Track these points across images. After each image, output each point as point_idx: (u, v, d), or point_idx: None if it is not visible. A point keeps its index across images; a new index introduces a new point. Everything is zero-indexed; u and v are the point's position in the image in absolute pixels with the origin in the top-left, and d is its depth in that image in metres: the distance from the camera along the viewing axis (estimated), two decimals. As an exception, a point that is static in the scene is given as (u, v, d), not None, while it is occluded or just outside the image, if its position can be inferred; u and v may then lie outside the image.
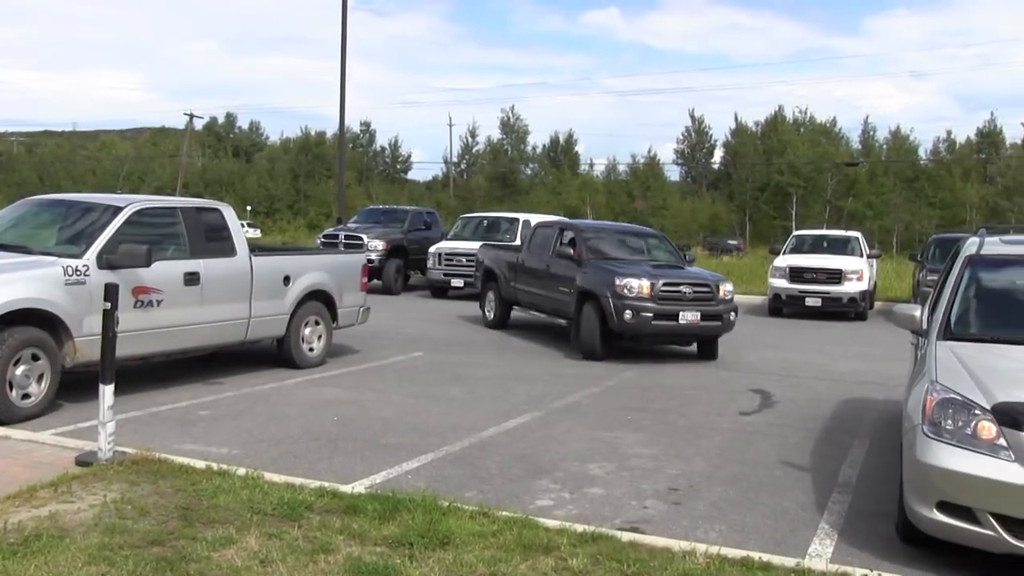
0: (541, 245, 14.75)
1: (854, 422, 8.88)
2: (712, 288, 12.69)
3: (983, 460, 4.76)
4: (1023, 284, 6.48)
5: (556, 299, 13.69)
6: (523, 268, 14.98)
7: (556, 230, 14.67)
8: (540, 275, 14.34)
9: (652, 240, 14.84)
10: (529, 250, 15.11)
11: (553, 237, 14.44)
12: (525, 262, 14.98)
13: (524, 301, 15.05)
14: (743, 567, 4.75)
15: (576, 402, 9.41)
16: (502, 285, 15.55)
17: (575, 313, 12.88)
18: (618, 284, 12.21)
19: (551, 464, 6.91)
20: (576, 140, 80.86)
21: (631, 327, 12.23)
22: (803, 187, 63.21)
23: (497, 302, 15.79)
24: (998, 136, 68.32)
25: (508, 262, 15.56)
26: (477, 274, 16.97)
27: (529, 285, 14.71)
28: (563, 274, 13.50)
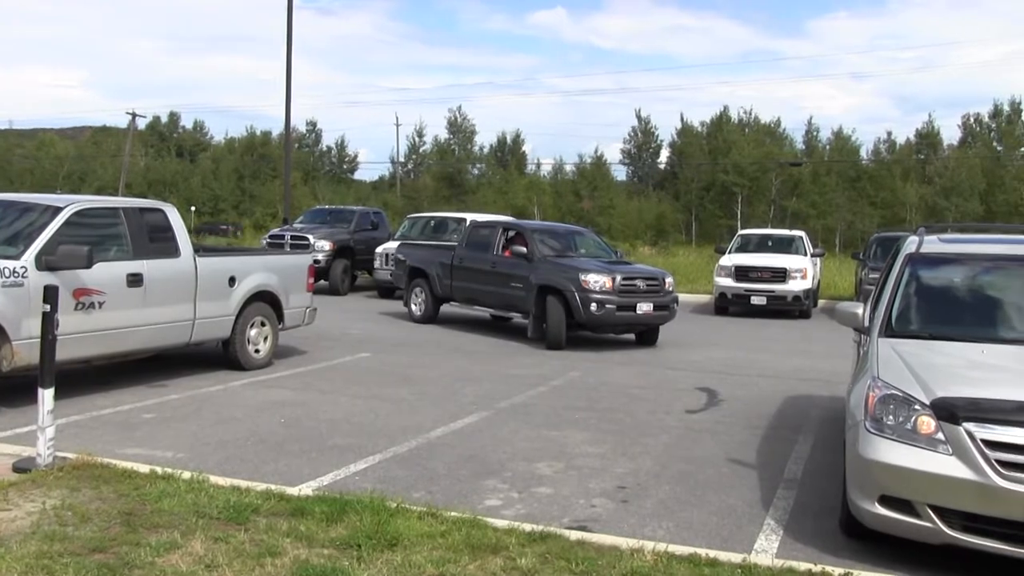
0: (481, 244, 15.42)
1: (799, 419, 9.00)
2: (660, 281, 14.10)
3: (922, 454, 4.85)
4: (961, 282, 6.62)
5: (506, 295, 14.44)
6: (462, 267, 15.51)
7: (499, 230, 15.40)
8: (484, 273, 14.96)
9: (588, 238, 16.07)
10: (467, 249, 15.67)
11: (496, 236, 15.18)
12: (464, 261, 15.51)
13: (462, 298, 15.62)
14: (690, 564, 4.79)
15: (523, 402, 9.42)
16: (434, 282, 16.07)
17: (534, 307, 13.75)
18: (583, 279, 13.26)
19: (499, 464, 6.92)
20: (523, 140, 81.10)
21: (597, 318, 13.30)
22: (748, 187, 63.98)
23: (427, 299, 16.31)
24: (936, 137, 69.77)
25: (441, 261, 16.00)
26: (399, 272, 17.32)
27: (469, 282, 15.30)
28: (514, 271, 14.27)
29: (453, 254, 15.87)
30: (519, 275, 14.14)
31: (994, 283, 6.51)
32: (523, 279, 14.02)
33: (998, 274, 6.55)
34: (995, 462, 4.65)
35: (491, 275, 14.80)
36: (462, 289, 15.52)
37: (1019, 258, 6.62)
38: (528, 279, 13.89)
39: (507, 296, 14.43)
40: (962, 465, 4.72)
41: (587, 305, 13.06)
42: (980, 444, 4.70)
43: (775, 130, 74.24)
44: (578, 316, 13.17)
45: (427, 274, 16.29)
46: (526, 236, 14.68)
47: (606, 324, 13.63)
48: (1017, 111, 65.88)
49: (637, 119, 79.61)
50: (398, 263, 17.50)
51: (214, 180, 75.68)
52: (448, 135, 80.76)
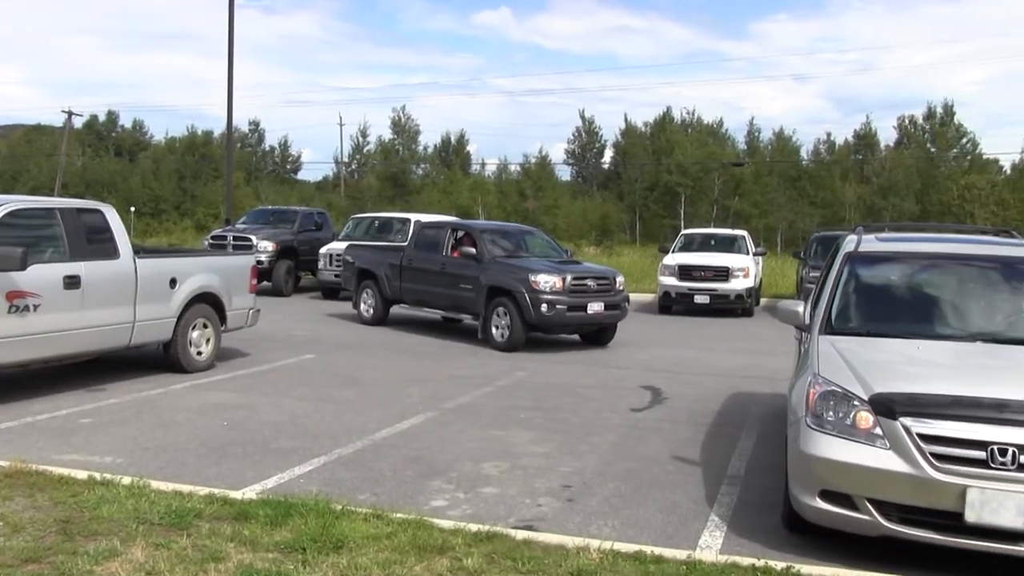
0: (430, 245, 15.22)
1: (742, 416, 9.11)
2: (611, 280, 14.08)
3: (861, 449, 4.95)
4: (898, 280, 6.75)
5: (456, 296, 14.33)
6: (411, 268, 15.34)
7: (447, 230, 15.21)
8: (434, 274, 14.79)
9: (538, 237, 16.03)
10: (416, 250, 15.51)
11: (444, 237, 15.00)
12: (413, 262, 15.34)
13: (412, 299, 15.43)
14: (636, 561, 4.83)
15: (469, 402, 9.41)
16: (383, 284, 15.87)
17: (484, 308, 13.68)
18: (532, 280, 13.19)
19: (445, 465, 6.90)
20: (467, 140, 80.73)
21: (547, 319, 13.22)
22: (691, 187, 64.48)
23: (377, 301, 16.10)
24: (873, 138, 70.98)
25: (390, 262, 15.85)
26: (347, 274, 17.09)
27: (419, 283, 15.14)
28: (463, 272, 14.18)
29: (402, 255, 15.70)
30: (468, 276, 14.06)
31: (930, 281, 6.65)
32: (473, 280, 13.94)
33: (933, 272, 6.69)
34: (930, 455, 4.75)
35: (440, 276, 14.66)
36: (412, 291, 15.35)
37: (953, 256, 6.78)
38: (478, 280, 13.81)
39: (457, 297, 14.32)
40: (899, 459, 4.82)
41: (537, 306, 13.00)
42: (916, 438, 4.80)
43: (717, 131, 74.93)
44: (528, 317, 13.10)
45: (376, 275, 16.07)
46: (475, 236, 14.55)
47: (556, 324, 13.55)
48: (949, 113, 67.34)
49: (581, 119, 79.77)
50: (346, 265, 17.24)
51: (154, 180, 74.25)
52: (392, 135, 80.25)
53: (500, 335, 13.46)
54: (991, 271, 6.59)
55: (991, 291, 6.51)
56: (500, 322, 13.48)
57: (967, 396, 4.93)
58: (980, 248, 7.01)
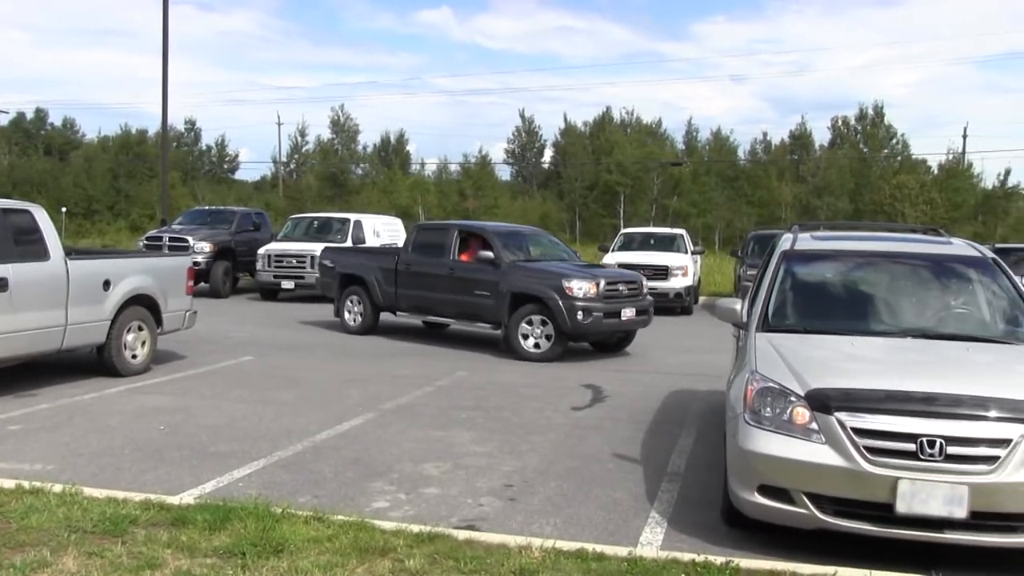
0: (432, 248, 14.20)
1: (682, 413, 9.21)
2: (639, 284, 13.54)
3: (798, 444, 5.04)
4: (833, 277, 6.88)
5: (469, 303, 13.45)
6: (409, 273, 14.32)
7: (452, 232, 14.18)
8: (439, 279, 13.84)
9: (543, 239, 15.23)
10: (414, 254, 14.43)
11: (450, 240, 14.00)
12: (411, 266, 14.29)
13: (409, 307, 14.42)
14: (578, 559, 4.85)
15: (410, 403, 9.38)
16: (374, 291, 14.75)
17: (507, 317, 12.83)
18: (566, 286, 12.38)
19: (386, 466, 6.87)
20: (407, 140, 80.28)
21: (584, 328, 12.42)
22: (630, 186, 64.89)
23: (367, 308, 14.96)
24: (808, 138, 72.14)
25: (381, 267, 14.75)
26: (327, 280, 15.84)
27: (419, 290, 14.14)
28: (478, 278, 13.27)
29: (397, 259, 14.59)
30: (485, 282, 13.14)
31: (864, 278, 6.80)
32: (491, 286, 13.04)
33: (866, 270, 6.84)
34: (863, 448, 4.86)
35: (447, 282, 13.70)
36: (410, 297, 14.29)
37: (885, 254, 6.94)
38: (497, 286, 12.95)
39: (469, 304, 13.40)
40: (834, 453, 4.92)
41: (573, 314, 12.19)
42: (850, 432, 4.90)
43: (657, 130, 75.52)
44: (563, 326, 12.29)
45: (364, 281, 14.92)
46: (489, 239, 13.56)
47: (591, 333, 12.78)
48: (880, 115, 68.76)
49: (521, 119, 79.84)
50: (325, 270, 15.97)
51: (87, 180, 72.60)
52: (331, 134, 79.59)
53: (533, 345, 12.66)
54: (921, 269, 6.75)
55: (921, 288, 6.68)
56: (532, 331, 12.66)
57: (898, 390, 5.06)
58: (910, 246, 7.18)
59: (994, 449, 4.79)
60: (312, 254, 20.48)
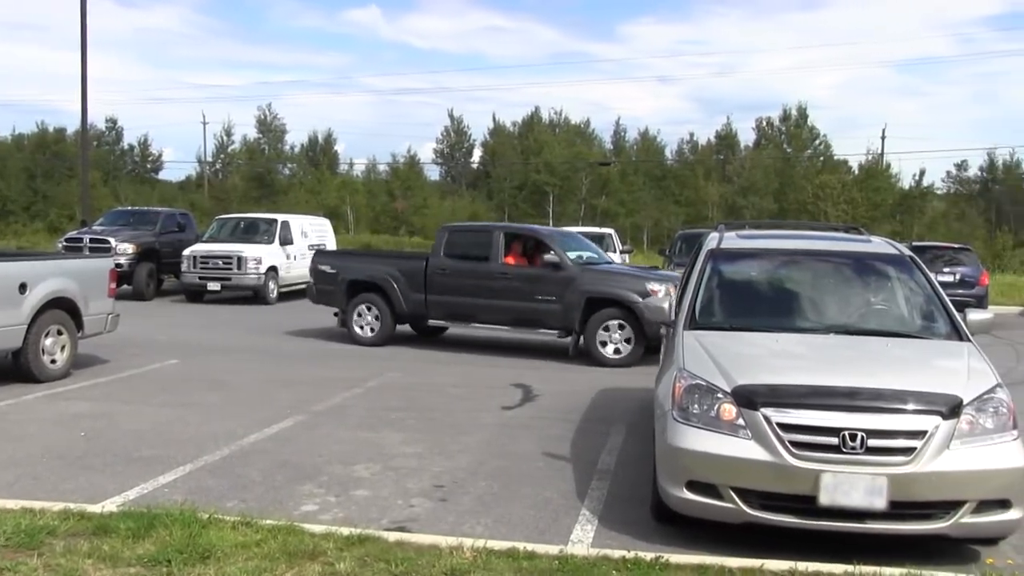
0: (472, 252, 13.51)
1: (612, 411, 9.27)
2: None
3: (725, 440, 5.12)
4: (758, 275, 6.99)
5: (527, 308, 12.88)
6: (444, 277, 13.50)
7: (496, 235, 13.51)
8: (486, 284, 13.15)
9: (582, 240, 14.87)
10: (449, 258, 13.58)
11: (495, 242, 13.36)
12: (447, 271, 13.48)
13: (443, 314, 13.66)
14: (509, 558, 4.86)
15: (339, 404, 9.29)
16: (395, 298, 13.75)
17: (579, 322, 12.51)
18: (650, 288, 12.15)
19: (315, 468, 6.80)
20: (335, 139, 79.62)
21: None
22: (559, 186, 65.26)
23: (387, 317, 13.85)
24: (734, 139, 73.40)
25: (405, 272, 13.77)
26: (326, 287, 14.51)
27: (459, 296, 13.38)
28: (540, 282, 12.76)
29: (427, 264, 13.67)
30: (549, 286, 12.66)
31: (788, 276, 6.92)
32: (558, 290, 12.59)
33: (791, 268, 6.96)
34: (788, 443, 4.96)
35: (499, 287, 13.01)
36: (445, 304, 13.50)
37: (809, 253, 7.08)
38: (567, 290, 12.52)
39: (529, 311, 12.81)
40: (760, 448, 5.01)
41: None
42: (776, 427, 5.00)
43: (585, 130, 76.10)
44: (648, 330, 11.83)
45: (381, 288, 13.84)
46: (549, 241, 13.20)
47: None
48: (804, 116, 70.24)
49: (450, 119, 79.71)
50: (323, 276, 14.65)
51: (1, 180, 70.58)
52: (258, 134, 78.54)
53: (613, 351, 12.36)
54: (843, 267, 6.90)
55: (843, 285, 6.82)
56: (611, 337, 12.37)
57: (822, 385, 5.17)
58: (832, 245, 7.33)
59: (911, 441, 4.93)
60: (239, 255, 20.22)
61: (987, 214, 67.51)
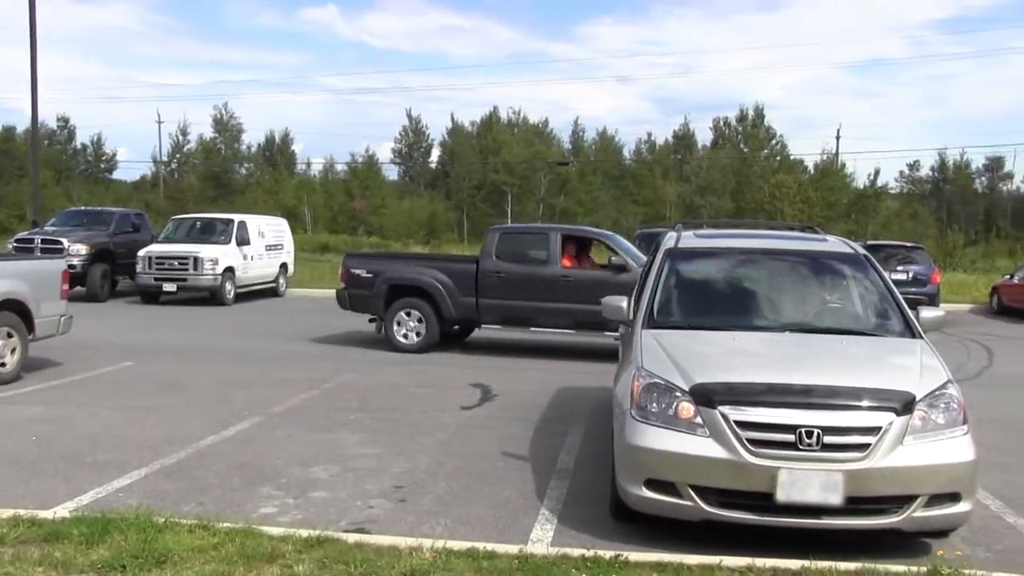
0: (528, 255, 13.25)
1: (570, 410, 9.30)
2: None
3: (683, 438, 5.14)
4: (716, 274, 7.03)
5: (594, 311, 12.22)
6: (498, 281, 13.14)
7: (554, 237, 13.30)
8: (546, 287, 12.93)
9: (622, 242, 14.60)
10: (502, 260, 13.25)
11: (554, 245, 13.16)
12: (502, 273, 13.15)
13: (497, 317, 13.28)
14: (469, 558, 4.86)
15: (297, 405, 9.23)
16: (442, 302, 13.28)
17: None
18: None
19: (273, 470, 6.74)
20: (292, 139, 79.23)
21: None
22: (518, 185, 65.38)
23: (431, 323, 13.35)
24: (691, 139, 74.10)
25: (453, 276, 13.34)
26: (362, 292, 13.76)
27: (515, 299, 13.04)
28: (606, 284, 12.19)
29: (478, 267, 13.33)
30: (615, 288, 12.01)
31: (745, 275, 6.97)
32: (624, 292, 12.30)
33: (748, 267, 7.01)
34: (746, 441, 4.99)
35: (560, 290, 12.85)
36: (500, 308, 13.18)
37: (765, 252, 7.14)
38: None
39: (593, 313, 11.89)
40: (718, 446, 5.04)
41: None
42: (733, 425, 5.03)
43: (543, 130, 76.40)
44: None
45: (427, 292, 13.34)
46: (612, 243, 13.22)
47: None
48: (760, 116, 71.08)
49: (408, 119, 79.57)
50: (357, 281, 13.85)
51: (-53, 179, 69.14)
52: (214, 133, 77.81)
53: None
54: (799, 265, 6.97)
55: (799, 284, 6.89)
56: None
57: (779, 383, 5.22)
58: (789, 244, 7.40)
59: (866, 437, 4.99)
60: (196, 256, 20.00)
61: (938, 213, 68.71)
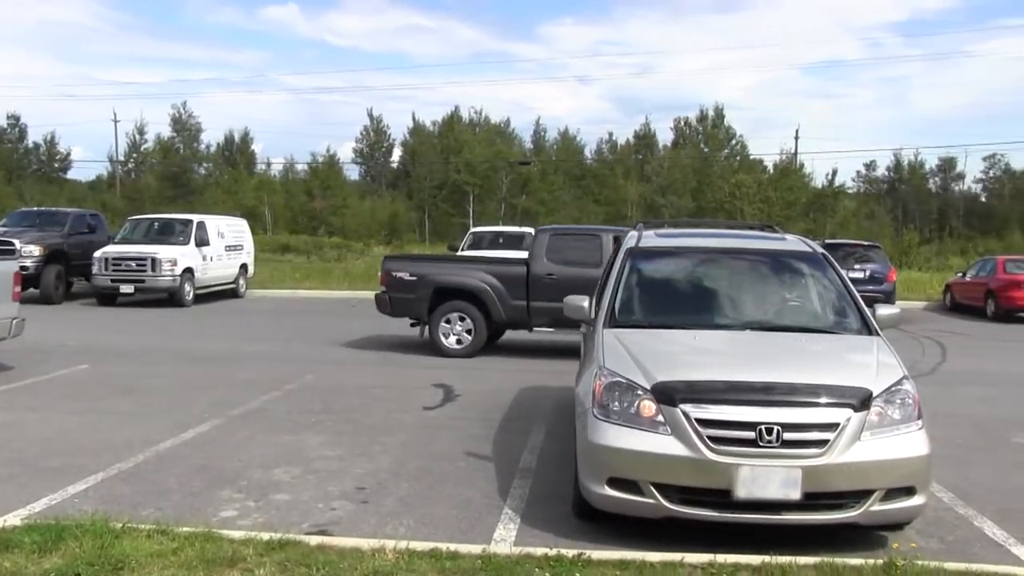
0: (578, 256, 13.05)
1: (533, 409, 9.29)
2: None
3: (645, 436, 5.16)
4: (676, 273, 7.06)
5: None
6: (550, 282, 12.96)
7: (606, 239, 12.97)
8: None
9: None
10: (552, 262, 13.20)
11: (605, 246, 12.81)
12: (554, 275, 13.04)
13: (552, 320, 12.96)
14: (432, 559, 4.84)
15: (257, 408, 9.14)
16: (494, 305, 13.05)
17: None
18: None
19: (234, 473, 6.67)
20: (252, 139, 78.69)
21: None
22: (479, 185, 65.36)
23: (481, 325, 13.07)
24: (652, 138, 74.59)
25: (504, 276, 13.24)
26: (403, 296, 13.37)
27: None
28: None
29: (529, 269, 13.25)
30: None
31: (705, 274, 6.99)
32: None
33: (708, 266, 7.04)
34: (707, 438, 5.02)
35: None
36: (552, 310, 12.44)
37: (726, 251, 7.18)
38: None
39: None
40: (679, 443, 5.06)
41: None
42: (694, 423, 5.06)
43: (505, 130, 76.50)
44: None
45: (477, 295, 13.16)
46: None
47: None
48: (720, 116, 71.68)
49: (370, 118, 79.30)
50: (398, 284, 13.49)
51: None
52: (172, 133, 77.00)
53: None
54: (759, 264, 7.01)
55: (759, 282, 6.94)
56: None
57: (739, 381, 5.26)
58: (748, 243, 7.45)
59: (825, 433, 5.04)
60: (153, 256, 19.76)
61: (894, 212, 69.81)
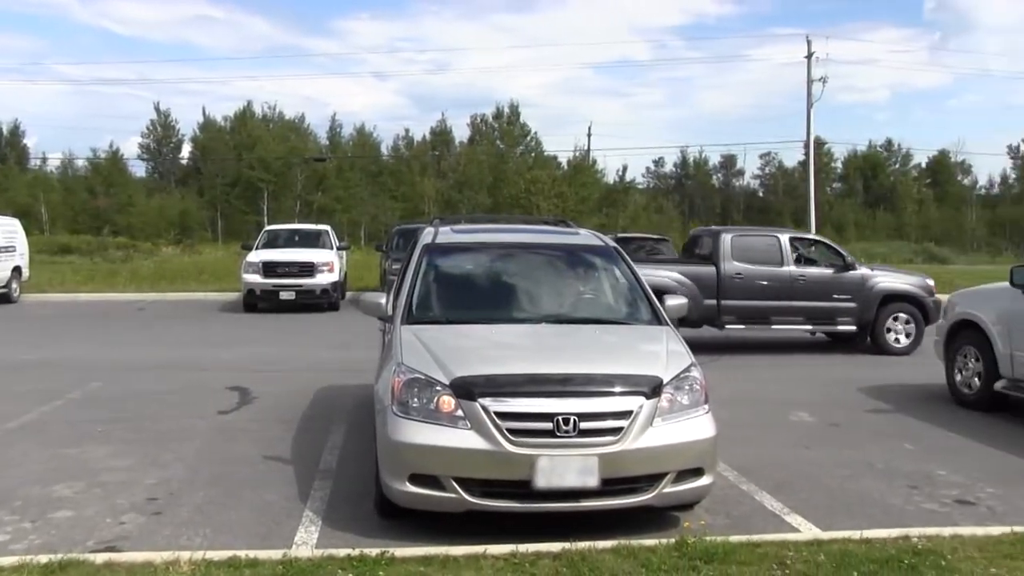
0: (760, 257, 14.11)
1: (332, 409, 9.17)
2: None
3: (445, 431, 5.19)
4: (474, 268, 7.13)
5: (827, 308, 14.01)
6: (739, 283, 13.95)
7: (783, 240, 14.36)
8: (784, 288, 13.97)
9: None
10: (739, 263, 14.07)
11: (783, 248, 14.17)
12: (741, 276, 13.99)
13: (742, 317, 14.04)
14: (230, 567, 4.70)
15: (35, 419, 8.56)
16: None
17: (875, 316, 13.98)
18: (929, 284, 14.65)
19: (7, 492, 6.20)
20: (24, 132, 73.60)
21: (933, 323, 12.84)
22: (274, 182, 63.71)
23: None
24: (449, 135, 74.96)
25: (697, 275, 13.97)
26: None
27: (754, 300, 13.95)
28: (837, 283, 14.07)
29: (719, 269, 14.00)
30: (846, 286, 13.99)
31: (502, 269, 7.09)
32: (853, 289, 13.99)
33: (505, 260, 7.14)
34: (506, 431, 5.10)
35: (797, 289, 13.92)
36: (741, 309, 13.99)
37: (521, 245, 7.30)
38: (863, 288, 13.96)
39: (826, 309, 13.98)
40: (479, 437, 5.12)
41: (936, 310, 13.26)
42: (493, 416, 5.12)
43: (300, 126, 74.84)
44: (932, 321, 13.23)
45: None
46: (838, 246, 14.86)
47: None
48: (516, 113, 72.93)
49: (157, 112, 75.61)
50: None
51: None
52: (-71, 125, 70.91)
53: (894, 340, 14.00)
54: (553, 258, 7.19)
55: (554, 276, 7.10)
56: (897, 327, 14.02)
57: (536, 373, 5.37)
58: (543, 237, 7.62)
59: (619, 421, 5.23)
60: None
61: (681, 207, 73.27)
